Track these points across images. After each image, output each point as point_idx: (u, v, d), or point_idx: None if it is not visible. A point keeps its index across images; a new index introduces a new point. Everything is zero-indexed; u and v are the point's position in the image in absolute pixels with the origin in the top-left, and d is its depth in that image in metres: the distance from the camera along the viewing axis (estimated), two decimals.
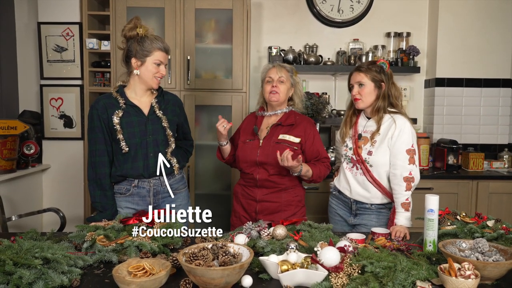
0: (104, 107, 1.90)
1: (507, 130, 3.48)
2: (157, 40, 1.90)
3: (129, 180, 1.94)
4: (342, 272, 1.25)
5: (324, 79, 3.55)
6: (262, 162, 2.08)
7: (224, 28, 3.06)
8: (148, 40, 1.89)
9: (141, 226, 1.50)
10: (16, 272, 1.16)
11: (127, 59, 1.93)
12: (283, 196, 2.11)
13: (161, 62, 1.91)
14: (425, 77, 3.59)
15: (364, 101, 2.04)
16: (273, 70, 2.13)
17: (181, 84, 3.00)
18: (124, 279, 1.16)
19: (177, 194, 2.01)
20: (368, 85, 2.02)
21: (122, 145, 1.87)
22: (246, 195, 2.14)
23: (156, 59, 1.89)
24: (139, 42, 1.88)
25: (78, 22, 3.22)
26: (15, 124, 2.91)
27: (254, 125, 2.18)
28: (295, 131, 2.11)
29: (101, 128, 1.89)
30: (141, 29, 1.88)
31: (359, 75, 2.05)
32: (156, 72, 1.91)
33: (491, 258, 1.29)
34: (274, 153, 1.99)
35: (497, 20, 3.39)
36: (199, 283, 1.19)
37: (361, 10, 3.48)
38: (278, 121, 2.13)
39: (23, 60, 3.42)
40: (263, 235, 1.59)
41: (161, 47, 1.90)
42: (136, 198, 1.95)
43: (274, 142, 2.09)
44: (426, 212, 1.51)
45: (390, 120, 2.00)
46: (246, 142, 2.15)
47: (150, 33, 1.93)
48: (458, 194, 3.00)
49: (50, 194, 3.31)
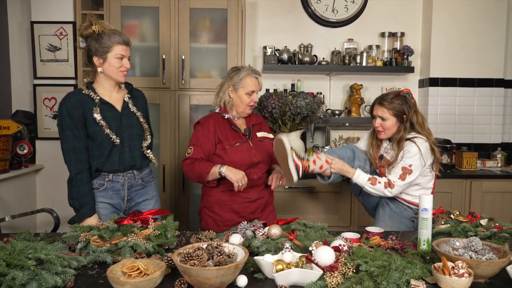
0: (77, 104, 1.86)
1: (500, 129, 3.51)
2: (114, 35, 1.87)
3: (103, 175, 1.94)
4: (337, 271, 1.25)
5: (318, 79, 3.56)
6: (259, 161, 2.13)
7: (219, 28, 3.05)
8: (105, 36, 1.86)
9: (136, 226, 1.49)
10: (9, 273, 1.15)
11: (89, 59, 1.92)
12: (267, 190, 2.23)
13: (123, 56, 1.89)
14: (419, 77, 3.61)
15: (386, 133, 2.10)
16: (255, 82, 2.12)
17: (176, 83, 3.00)
18: (119, 280, 1.16)
19: (148, 186, 2.07)
20: (390, 120, 2.06)
21: (113, 138, 1.88)
22: (240, 199, 2.11)
23: (117, 54, 1.88)
24: (96, 39, 1.86)
25: (71, 21, 3.20)
26: (8, 124, 2.89)
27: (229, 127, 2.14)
28: (263, 128, 2.27)
29: (74, 125, 1.85)
30: (96, 26, 1.86)
31: (381, 110, 2.08)
32: (120, 66, 1.90)
33: (484, 256, 1.30)
34: (264, 152, 2.14)
35: (490, 20, 3.41)
36: (194, 283, 1.19)
37: (355, 10, 3.49)
38: (250, 121, 2.22)
39: (16, 60, 3.39)
40: (258, 235, 1.59)
41: (120, 41, 1.87)
42: (110, 192, 1.96)
43: (258, 140, 2.18)
44: (420, 211, 1.52)
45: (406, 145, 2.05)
46: (237, 146, 2.11)
47: (107, 28, 1.90)
48: (452, 193, 3.02)
49: (44, 195, 3.29)
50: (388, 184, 2.02)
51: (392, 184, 2.01)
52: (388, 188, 2.02)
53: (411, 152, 2.01)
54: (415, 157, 2.00)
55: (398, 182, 2.01)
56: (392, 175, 2.04)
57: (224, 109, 2.18)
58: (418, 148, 2.00)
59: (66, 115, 1.85)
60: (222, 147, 2.10)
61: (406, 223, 2.12)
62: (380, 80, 3.54)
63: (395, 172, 2.03)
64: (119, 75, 1.91)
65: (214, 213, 2.14)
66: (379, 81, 3.54)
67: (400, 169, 2.02)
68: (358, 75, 3.49)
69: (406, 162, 2.01)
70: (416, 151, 2.00)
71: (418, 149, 2.00)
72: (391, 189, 2.02)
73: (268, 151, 2.19)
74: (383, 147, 2.18)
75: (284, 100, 2.96)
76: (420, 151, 2.00)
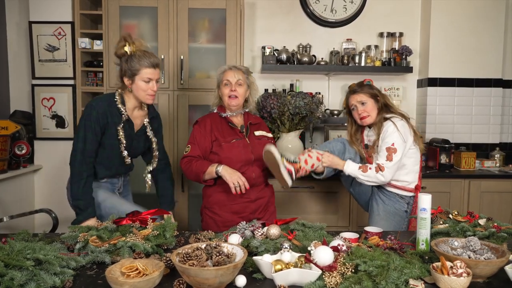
0: (106, 114, 1.90)
1: (498, 129, 3.52)
2: (144, 57, 1.89)
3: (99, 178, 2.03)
4: (335, 271, 1.25)
5: (317, 79, 3.56)
6: (256, 159, 2.12)
7: (218, 28, 3.05)
8: (135, 58, 1.88)
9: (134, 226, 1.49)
10: (8, 273, 1.15)
11: (120, 78, 1.96)
12: (267, 189, 2.24)
13: (150, 79, 1.91)
14: (418, 77, 3.62)
15: (371, 116, 2.19)
16: (230, 73, 2.15)
17: (175, 84, 2.99)
18: (117, 280, 1.16)
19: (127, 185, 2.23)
20: (369, 102, 2.19)
21: (125, 155, 1.97)
22: (240, 199, 2.10)
23: (145, 77, 1.90)
24: (127, 61, 1.90)
25: (70, 21, 3.19)
26: (6, 124, 2.88)
27: (226, 125, 2.16)
28: (262, 128, 2.28)
29: (96, 130, 1.89)
30: (129, 46, 1.88)
31: (358, 96, 2.21)
32: (147, 89, 1.92)
33: (482, 256, 1.31)
34: (261, 149, 2.08)
35: (489, 21, 3.42)
36: (192, 283, 1.19)
37: (354, 10, 3.49)
38: (248, 120, 2.22)
39: (14, 60, 3.39)
40: (257, 235, 1.59)
41: (148, 64, 1.89)
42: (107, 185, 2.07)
43: (256, 138, 2.19)
44: (418, 211, 1.52)
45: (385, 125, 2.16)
46: (233, 142, 2.12)
47: (142, 48, 1.92)
48: (450, 193, 3.03)
49: (42, 195, 3.28)
50: (378, 168, 2.08)
51: (382, 167, 2.07)
52: (380, 172, 2.07)
53: (389, 131, 2.10)
54: (394, 135, 2.09)
55: (387, 164, 2.07)
56: (380, 159, 2.11)
57: (221, 108, 2.20)
58: (394, 125, 2.10)
59: (94, 119, 1.87)
60: (218, 144, 2.12)
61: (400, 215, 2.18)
62: (378, 80, 3.54)
63: (381, 156, 2.11)
64: (146, 98, 1.95)
65: (214, 214, 2.14)
66: (377, 81, 3.54)
67: (385, 150, 2.09)
68: (357, 75, 3.49)
69: (388, 141, 2.09)
70: (393, 129, 2.09)
71: (395, 125, 2.10)
72: (382, 172, 2.07)
73: None
74: (365, 135, 2.27)
75: (283, 100, 2.96)
76: (397, 128, 2.09)
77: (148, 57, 1.89)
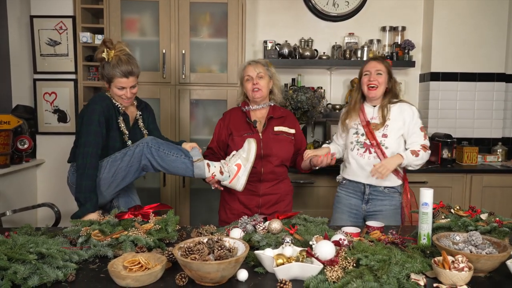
0: (108, 108, 1.93)
1: (500, 124, 3.50)
2: (118, 66, 1.88)
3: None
4: (337, 265, 1.25)
5: (319, 73, 3.54)
6: (266, 154, 2.12)
7: (219, 22, 3.04)
8: (109, 66, 1.89)
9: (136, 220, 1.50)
10: (11, 267, 1.15)
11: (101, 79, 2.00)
12: (281, 187, 2.21)
13: (123, 87, 1.92)
14: (420, 71, 3.60)
15: (379, 89, 2.17)
16: (250, 68, 2.20)
17: (176, 78, 2.99)
18: (120, 274, 1.16)
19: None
20: (384, 75, 2.18)
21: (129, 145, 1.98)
22: (246, 191, 2.09)
23: (117, 85, 1.92)
24: (103, 67, 1.92)
25: (71, 15, 3.18)
26: (8, 118, 2.89)
27: (244, 119, 2.20)
28: (286, 123, 2.23)
29: (101, 124, 1.89)
30: (107, 52, 1.89)
31: (379, 64, 2.20)
32: (121, 95, 1.94)
33: (484, 251, 1.31)
34: (276, 145, 2.12)
35: (491, 15, 3.39)
36: (194, 277, 1.19)
37: (356, 4, 3.47)
38: (270, 114, 2.20)
39: (16, 54, 3.38)
40: (258, 229, 1.59)
41: (120, 74, 1.89)
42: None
43: (273, 134, 2.17)
44: (420, 206, 1.52)
45: (398, 107, 2.19)
46: (244, 136, 2.13)
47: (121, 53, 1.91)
48: (452, 188, 3.02)
49: (45, 189, 3.29)
50: (424, 147, 2.14)
51: (426, 146, 2.15)
52: (428, 151, 2.15)
53: (415, 114, 2.18)
54: (419, 116, 2.20)
55: (427, 142, 2.17)
56: (419, 139, 2.15)
57: (244, 103, 2.26)
58: (415, 108, 2.21)
59: (100, 113, 1.88)
60: (232, 137, 2.19)
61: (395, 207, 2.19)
62: None
63: (418, 136, 2.16)
64: (122, 101, 1.97)
65: (226, 203, 2.23)
66: None
67: (419, 130, 2.17)
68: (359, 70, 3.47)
69: (417, 122, 2.18)
70: (416, 111, 2.20)
71: (415, 108, 2.21)
72: (428, 150, 2.16)
73: (283, 146, 2.17)
74: (369, 113, 2.22)
75: (285, 94, 2.95)
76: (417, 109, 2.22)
77: (122, 66, 1.89)
